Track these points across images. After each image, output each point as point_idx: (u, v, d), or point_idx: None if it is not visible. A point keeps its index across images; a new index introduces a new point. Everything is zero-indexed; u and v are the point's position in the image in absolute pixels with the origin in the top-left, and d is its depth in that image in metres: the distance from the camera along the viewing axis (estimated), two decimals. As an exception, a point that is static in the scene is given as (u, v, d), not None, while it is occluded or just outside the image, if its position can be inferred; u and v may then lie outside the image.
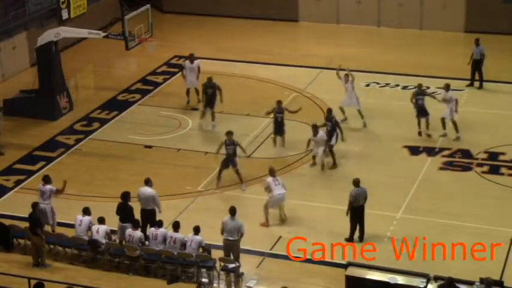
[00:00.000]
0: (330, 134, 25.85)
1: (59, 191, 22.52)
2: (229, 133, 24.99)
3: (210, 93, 28.79)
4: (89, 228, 21.58)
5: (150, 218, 21.89)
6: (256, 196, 24.37)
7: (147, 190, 22.15)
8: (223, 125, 28.51)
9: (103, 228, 21.49)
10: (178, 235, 20.83)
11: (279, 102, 26.97)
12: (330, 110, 26.53)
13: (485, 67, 31.39)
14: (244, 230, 20.66)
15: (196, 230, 20.76)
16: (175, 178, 25.40)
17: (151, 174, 24.73)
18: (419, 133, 27.70)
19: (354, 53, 35.47)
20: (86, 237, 21.53)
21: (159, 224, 21.20)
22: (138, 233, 21.12)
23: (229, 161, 24.78)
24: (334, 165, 25.92)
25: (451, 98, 27.42)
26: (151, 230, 21.23)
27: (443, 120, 27.45)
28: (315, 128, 25.57)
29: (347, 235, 22.21)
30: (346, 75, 28.43)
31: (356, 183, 21.99)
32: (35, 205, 21.58)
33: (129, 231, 21.17)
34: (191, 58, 30.50)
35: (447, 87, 27.77)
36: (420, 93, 27.78)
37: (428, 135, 27.58)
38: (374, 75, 32.85)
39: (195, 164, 26.49)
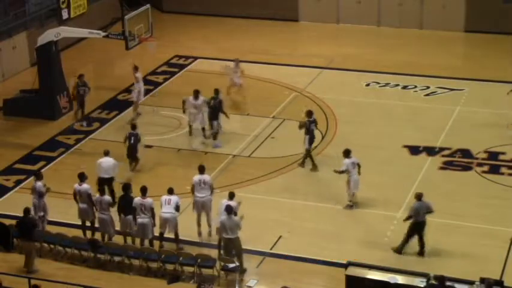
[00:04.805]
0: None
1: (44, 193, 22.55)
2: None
3: (82, 92, 29.06)
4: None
5: (109, 185, 23.46)
6: (256, 196, 24.41)
7: (109, 160, 23.78)
8: (223, 125, 28.54)
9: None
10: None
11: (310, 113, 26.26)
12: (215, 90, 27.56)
13: (486, 67, 31.47)
14: (241, 225, 20.65)
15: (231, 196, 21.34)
16: (175, 178, 25.34)
17: (151, 174, 24.85)
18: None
19: (354, 53, 35.49)
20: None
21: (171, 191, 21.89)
22: (149, 200, 21.55)
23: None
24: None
25: None
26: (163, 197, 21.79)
27: None
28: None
29: (347, 235, 22.22)
30: (135, 67, 29.83)
31: (418, 197, 21.36)
32: (27, 210, 21.43)
33: (138, 199, 21.47)
34: (195, 95, 27.77)
35: None
36: None
37: None
38: (374, 75, 32.86)
39: (195, 164, 26.44)
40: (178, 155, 27.33)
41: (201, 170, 22.64)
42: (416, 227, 21.24)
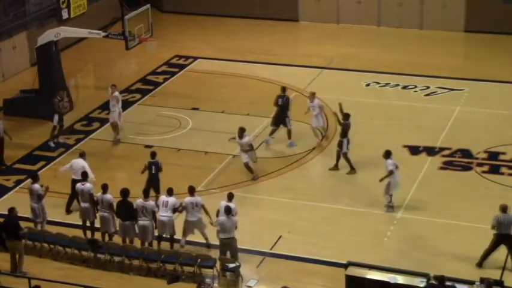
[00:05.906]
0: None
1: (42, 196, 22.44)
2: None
3: (61, 107, 28.71)
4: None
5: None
6: (256, 196, 24.41)
7: (81, 161, 23.47)
8: (224, 125, 28.56)
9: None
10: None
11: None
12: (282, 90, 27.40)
13: (486, 67, 31.43)
14: (237, 224, 20.65)
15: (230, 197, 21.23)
16: (175, 178, 25.33)
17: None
18: None
19: (354, 53, 35.49)
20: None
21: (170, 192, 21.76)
22: (151, 203, 21.47)
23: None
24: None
25: None
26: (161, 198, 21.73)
27: None
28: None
29: (347, 235, 22.20)
30: (114, 86, 28.16)
31: (503, 209, 20.39)
32: (11, 210, 21.16)
33: (140, 201, 21.36)
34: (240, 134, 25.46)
35: None
36: None
37: None
38: (374, 75, 32.86)
39: (195, 164, 26.49)
40: (178, 155, 27.33)
41: (192, 191, 21.83)
42: (499, 239, 20.57)
